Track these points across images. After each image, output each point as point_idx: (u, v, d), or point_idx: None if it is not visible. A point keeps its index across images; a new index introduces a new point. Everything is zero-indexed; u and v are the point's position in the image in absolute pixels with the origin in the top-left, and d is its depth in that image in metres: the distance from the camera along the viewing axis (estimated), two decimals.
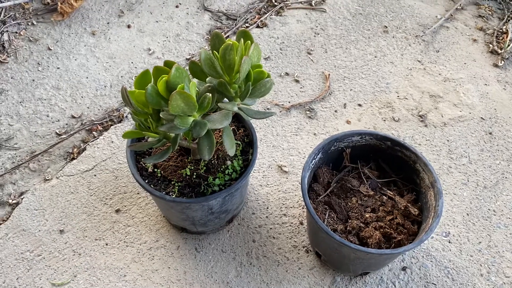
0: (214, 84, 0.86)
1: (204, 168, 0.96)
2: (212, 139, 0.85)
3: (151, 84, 0.79)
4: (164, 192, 0.93)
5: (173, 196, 0.92)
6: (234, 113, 0.88)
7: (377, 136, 1.02)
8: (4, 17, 1.51)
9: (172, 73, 0.78)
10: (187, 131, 0.84)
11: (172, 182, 0.95)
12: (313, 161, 0.98)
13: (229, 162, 0.97)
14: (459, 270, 1.07)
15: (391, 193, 1.01)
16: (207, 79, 0.88)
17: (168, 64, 0.84)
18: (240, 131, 1.04)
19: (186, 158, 0.98)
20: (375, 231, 0.93)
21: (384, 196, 1.00)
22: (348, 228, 0.95)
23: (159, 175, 0.97)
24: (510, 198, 1.18)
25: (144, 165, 0.98)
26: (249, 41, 0.85)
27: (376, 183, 1.03)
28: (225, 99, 0.89)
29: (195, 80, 0.87)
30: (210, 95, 0.81)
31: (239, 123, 1.06)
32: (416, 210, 0.97)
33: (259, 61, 0.87)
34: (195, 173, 0.95)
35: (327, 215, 0.96)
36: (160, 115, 0.82)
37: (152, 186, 0.94)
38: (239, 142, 1.01)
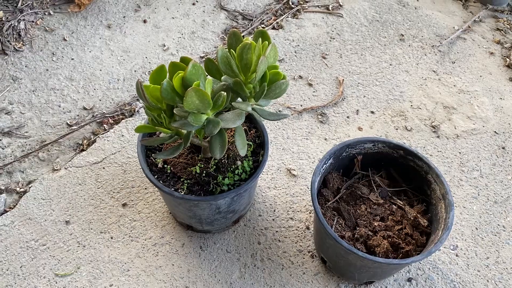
0: (229, 83, 0.85)
1: (214, 167, 0.95)
2: (225, 138, 0.85)
3: (166, 80, 0.78)
4: (173, 189, 0.92)
5: (182, 193, 0.92)
6: (247, 113, 0.87)
7: (390, 145, 1.00)
8: (21, 5, 1.52)
9: (189, 69, 0.77)
10: (199, 128, 0.83)
11: (182, 179, 0.95)
12: (324, 166, 0.98)
13: (239, 162, 0.97)
14: (466, 284, 1.05)
15: (401, 202, 1.00)
16: (222, 78, 0.88)
17: (185, 61, 0.83)
18: (251, 131, 1.03)
19: (196, 155, 0.98)
20: (383, 240, 0.92)
21: (393, 206, 0.99)
22: (356, 235, 0.94)
23: (168, 171, 0.96)
24: None
25: (154, 160, 0.98)
26: (267, 42, 0.84)
27: (386, 192, 1.01)
28: (239, 99, 0.88)
29: (210, 78, 0.87)
30: (225, 93, 0.81)
31: (251, 123, 1.05)
32: (425, 221, 0.96)
33: (275, 62, 0.86)
34: (204, 171, 0.95)
35: (335, 221, 0.95)
36: (174, 111, 0.81)
37: (161, 182, 0.94)
38: (250, 143, 1.00)
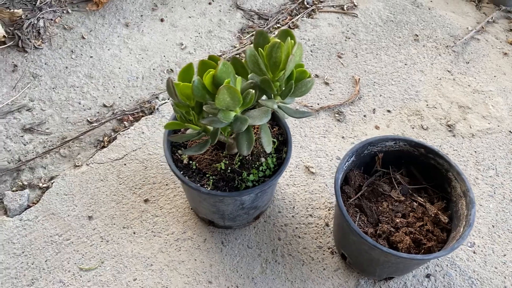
0: (256, 81, 0.87)
1: (239, 163, 0.97)
2: (251, 135, 0.86)
3: (197, 78, 0.80)
4: (199, 185, 0.94)
5: (208, 189, 0.94)
6: (272, 110, 0.89)
7: (411, 143, 1.02)
8: (40, 3, 1.54)
9: (219, 68, 0.79)
10: (226, 125, 0.85)
11: (207, 175, 0.96)
12: (346, 163, 0.99)
13: (263, 159, 0.98)
14: (483, 281, 1.07)
15: (422, 199, 1.01)
16: (249, 76, 0.89)
17: (213, 59, 0.85)
18: (274, 129, 1.05)
19: (220, 152, 1.00)
20: (405, 236, 0.93)
21: (414, 203, 1.01)
22: (378, 232, 0.95)
23: (194, 167, 0.98)
24: None
25: (179, 156, 0.99)
26: (293, 41, 0.86)
27: (407, 189, 1.03)
28: (264, 96, 0.90)
29: (239, 77, 0.88)
30: (253, 91, 0.82)
31: (274, 121, 1.07)
32: (446, 218, 0.98)
33: (300, 60, 0.88)
34: (229, 168, 0.96)
35: (357, 217, 0.97)
36: (203, 108, 0.83)
37: (187, 177, 0.95)
38: (274, 140, 1.02)
